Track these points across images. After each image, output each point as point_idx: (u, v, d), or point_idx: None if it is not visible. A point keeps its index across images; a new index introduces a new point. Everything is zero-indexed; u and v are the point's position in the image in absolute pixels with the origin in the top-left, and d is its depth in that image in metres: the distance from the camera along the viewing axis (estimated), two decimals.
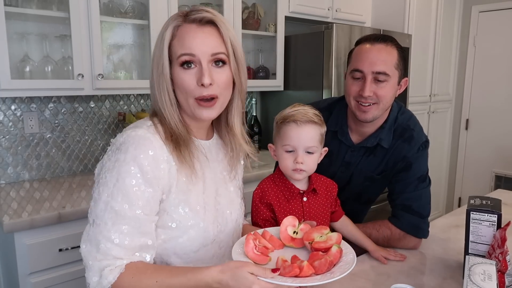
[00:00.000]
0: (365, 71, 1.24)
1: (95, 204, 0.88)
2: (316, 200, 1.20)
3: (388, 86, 1.25)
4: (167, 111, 0.93)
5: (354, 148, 1.38)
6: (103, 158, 0.92)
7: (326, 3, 2.91)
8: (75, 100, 2.20)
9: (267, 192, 1.17)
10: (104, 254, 0.85)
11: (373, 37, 1.29)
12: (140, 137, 0.88)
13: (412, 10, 3.18)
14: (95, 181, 0.92)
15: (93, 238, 0.86)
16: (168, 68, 0.91)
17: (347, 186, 1.43)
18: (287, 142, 1.12)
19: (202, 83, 0.89)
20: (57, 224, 1.60)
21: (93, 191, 0.91)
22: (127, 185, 0.85)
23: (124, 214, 0.86)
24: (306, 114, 1.11)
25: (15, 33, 1.91)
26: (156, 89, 0.94)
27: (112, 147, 0.91)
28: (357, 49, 1.30)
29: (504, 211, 1.09)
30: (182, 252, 0.95)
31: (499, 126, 3.74)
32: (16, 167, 2.05)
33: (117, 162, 0.86)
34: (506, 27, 3.62)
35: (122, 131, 0.93)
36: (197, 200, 0.96)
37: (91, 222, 0.88)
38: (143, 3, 2.16)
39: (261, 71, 2.82)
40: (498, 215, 1.07)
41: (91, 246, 0.86)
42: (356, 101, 1.28)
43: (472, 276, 0.88)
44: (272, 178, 1.21)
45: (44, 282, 1.59)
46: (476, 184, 3.95)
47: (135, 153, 0.86)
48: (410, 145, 1.34)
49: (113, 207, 0.85)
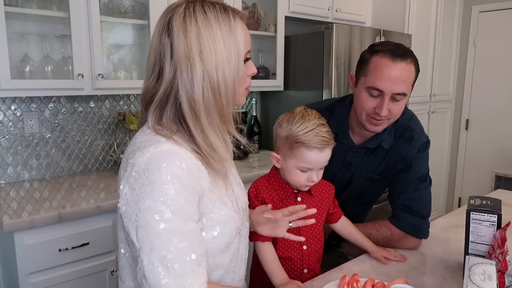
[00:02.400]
0: (385, 92, 1.19)
1: (145, 232, 0.79)
2: (310, 201, 1.20)
3: (403, 102, 1.24)
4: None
5: (355, 149, 1.38)
6: (127, 183, 0.82)
7: (326, 3, 2.91)
8: (75, 100, 2.20)
9: (261, 190, 1.18)
10: (180, 274, 0.79)
11: (394, 52, 1.20)
12: (168, 152, 0.81)
13: (412, 10, 3.18)
14: (125, 210, 0.83)
15: (159, 264, 0.79)
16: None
17: (347, 187, 1.43)
18: (306, 165, 1.11)
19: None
20: (57, 224, 1.60)
21: (132, 220, 0.81)
22: (174, 203, 0.79)
23: (182, 231, 0.80)
24: (324, 137, 1.09)
25: (15, 33, 1.91)
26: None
27: (134, 168, 0.81)
28: (376, 62, 1.21)
29: (504, 211, 1.09)
30: (225, 245, 0.93)
31: (499, 126, 3.74)
32: (16, 167, 2.05)
33: (155, 185, 0.79)
34: (506, 27, 3.62)
35: (139, 151, 0.82)
36: (226, 195, 0.94)
37: (147, 251, 0.79)
38: (143, 3, 2.16)
39: (261, 71, 2.82)
40: (498, 215, 1.07)
41: (166, 272, 0.79)
42: (368, 116, 1.25)
43: (472, 276, 0.88)
44: (267, 177, 1.21)
45: (44, 282, 1.59)
46: (476, 184, 3.95)
47: (170, 169, 0.79)
48: (410, 145, 1.33)
49: (168, 228, 0.79)
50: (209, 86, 0.83)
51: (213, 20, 0.83)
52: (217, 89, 0.84)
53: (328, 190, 1.25)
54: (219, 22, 0.83)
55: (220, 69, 0.83)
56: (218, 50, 0.82)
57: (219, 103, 0.85)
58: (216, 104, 0.85)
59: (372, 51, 1.24)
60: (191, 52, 0.81)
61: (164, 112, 0.87)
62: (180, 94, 0.83)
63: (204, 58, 0.82)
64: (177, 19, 0.83)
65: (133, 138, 0.91)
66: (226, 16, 0.84)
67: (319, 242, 1.23)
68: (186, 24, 0.82)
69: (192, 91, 0.82)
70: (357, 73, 1.30)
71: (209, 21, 0.83)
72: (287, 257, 1.19)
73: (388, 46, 1.21)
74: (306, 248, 1.20)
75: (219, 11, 0.84)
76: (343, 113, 1.39)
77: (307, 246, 1.20)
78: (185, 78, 0.82)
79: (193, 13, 0.83)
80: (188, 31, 0.82)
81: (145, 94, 0.89)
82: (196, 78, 0.82)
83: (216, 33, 0.82)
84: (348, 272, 1.17)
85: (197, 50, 0.81)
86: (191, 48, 0.81)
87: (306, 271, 1.21)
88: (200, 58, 0.82)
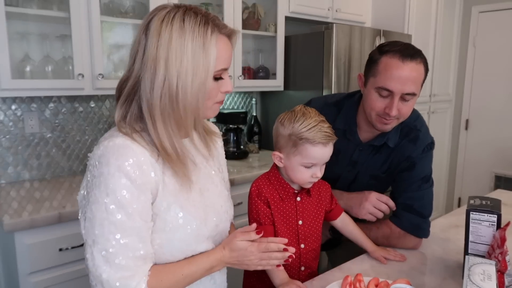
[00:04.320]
0: (395, 92, 1.19)
1: (90, 223, 0.83)
2: (309, 201, 1.22)
3: (412, 102, 1.24)
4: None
5: (362, 147, 1.38)
6: (85, 176, 0.87)
7: (326, 3, 2.91)
8: (75, 100, 2.20)
9: (263, 190, 1.18)
10: (122, 268, 0.82)
11: (403, 52, 1.19)
12: (119, 146, 0.83)
13: (412, 10, 3.18)
14: (82, 202, 0.87)
15: (101, 258, 0.81)
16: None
17: (352, 185, 1.43)
18: (311, 161, 1.12)
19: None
20: (57, 224, 1.60)
21: (83, 211, 0.86)
22: (119, 196, 0.82)
23: (125, 226, 0.82)
24: (327, 132, 1.11)
25: (15, 33, 1.91)
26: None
27: (91, 162, 0.86)
28: (385, 62, 1.20)
29: (504, 211, 1.10)
30: (179, 252, 0.94)
31: (499, 126, 3.74)
32: (17, 167, 2.06)
33: (102, 177, 0.82)
34: (506, 27, 3.62)
35: (97, 145, 0.87)
36: (187, 199, 0.93)
37: (90, 243, 0.83)
38: (143, 3, 2.16)
39: (261, 71, 2.82)
40: (498, 215, 1.07)
41: (107, 266, 0.81)
42: (378, 116, 1.25)
43: (472, 276, 0.88)
44: (267, 176, 1.22)
45: (44, 282, 1.59)
46: (476, 184, 3.95)
47: (118, 163, 0.82)
48: (415, 145, 1.34)
49: (112, 221, 0.81)
50: (167, 93, 0.84)
51: (188, 30, 0.84)
52: (175, 98, 0.85)
53: (324, 189, 1.27)
54: (193, 34, 0.84)
55: (182, 79, 0.84)
56: (184, 61, 0.83)
57: (177, 112, 0.86)
58: (173, 112, 0.86)
59: (382, 51, 1.23)
60: (158, 56, 0.83)
61: (130, 109, 0.89)
62: (141, 94, 0.86)
63: (168, 65, 0.83)
64: (156, 21, 0.85)
65: None
66: (204, 30, 0.85)
67: (317, 241, 1.24)
68: (161, 28, 0.84)
69: (151, 94, 0.84)
70: (366, 73, 1.29)
71: (184, 31, 0.84)
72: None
73: (398, 46, 1.21)
74: (303, 247, 1.20)
75: (198, 23, 0.84)
76: (351, 110, 1.38)
77: (304, 245, 1.21)
78: (147, 79, 0.84)
79: (171, 20, 0.84)
80: (161, 36, 0.83)
81: (119, 85, 0.93)
82: (157, 82, 0.83)
83: (187, 44, 0.83)
84: (347, 272, 1.18)
85: (165, 55, 0.83)
86: (159, 52, 0.83)
87: (303, 268, 1.22)
88: (165, 64, 0.83)
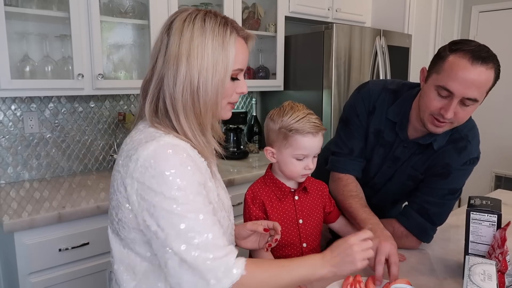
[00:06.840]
0: (455, 94, 1.10)
1: (167, 221, 0.80)
2: (307, 199, 1.23)
3: (471, 108, 1.15)
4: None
5: (407, 143, 1.31)
6: (134, 179, 0.83)
7: (326, 3, 2.91)
8: (75, 100, 2.20)
9: (258, 193, 1.19)
10: (216, 247, 0.81)
11: (475, 53, 1.08)
12: (172, 144, 0.84)
13: (412, 10, 3.18)
14: (138, 206, 0.84)
15: (189, 245, 0.80)
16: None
17: (388, 183, 1.40)
18: (302, 152, 1.13)
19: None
20: (57, 224, 1.60)
21: (149, 213, 0.82)
22: (188, 188, 0.82)
23: (207, 208, 0.84)
24: (315, 122, 1.13)
25: (15, 33, 1.91)
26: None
27: (139, 163, 0.82)
28: (453, 61, 1.10)
29: (504, 211, 1.09)
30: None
31: (499, 126, 3.74)
32: (16, 167, 2.05)
33: (165, 175, 0.80)
34: (506, 27, 3.62)
35: (141, 146, 0.84)
36: (213, 196, 0.95)
37: (174, 237, 0.80)
38: (143, 3, 2.16)
39: (261, 71, 2.82)
40: (498, 215, 1.07)
41: (198, 250, 0.80)
42: (432, 115, 1.17)
43: (472, 276, 0.88)
44: (263, 179, 1.23)
45: (44, 282, 1.59)
46: (476, 184, 3.94)
47: (178, 157, 0.83)
48: (459, 156, 1.27)
49: (195, 208, 0.82)
50: (189, 88, 0.88)
51: (209, 29, 0.89)
52: (196, 93, 0.89)
53: (322, 188, 1.28)
54: (214, 33, 0.89)
55: (203, 75, 0.88)
56: (205, 58, 0.88)
57: (197, 107, 0.90)
58: (193, 108, 0.89)
59: (452, 49, 1.12)
60: (180, 53, 0.87)
61: (158, 106, 0.91)
62: (165, 90, 0.89)
63: (190, 61, 0.87)
64: (178, 21, 0.90)
65: (128, 137, 0.93)
66: (223, 30, 0.90)
67: (318, 239, 1.25)
68: (183, 27, 0.89)
69: (174, 89, 0.88)
70: (430, 68, 1.19)
71: (205, 30, 0.89)
72: (287, 255, 1.20)
73: (470, 46, 1.10)
74: (305, 246, 1.21)
75: (218, 24, 0.90)
76: (407, 103, 1.30)
77: (306, 244, 1.21)
78: (170, 76, 0.88)
79: (193, 20, 0.89)
80: (183, 34, 0.88)
81: (144, 83, 0.95)
82: (179, 77, 0.87)
83: (208, 42, 0.88)
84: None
85: (186, 52, 0.87)
86: (181, 49, 0.88)
87: None
88: (186, 60, 0.87)
